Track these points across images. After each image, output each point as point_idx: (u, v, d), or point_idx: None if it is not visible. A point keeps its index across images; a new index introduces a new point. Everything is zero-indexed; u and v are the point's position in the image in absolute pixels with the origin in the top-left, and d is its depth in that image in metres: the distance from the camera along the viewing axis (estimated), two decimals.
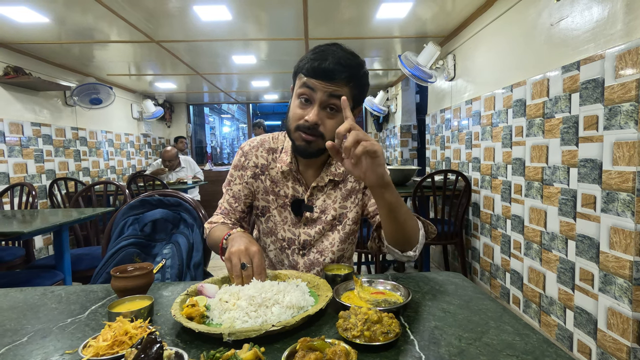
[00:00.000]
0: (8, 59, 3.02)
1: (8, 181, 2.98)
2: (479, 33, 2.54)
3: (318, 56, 0.85)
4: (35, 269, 2.08)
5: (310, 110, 0.86)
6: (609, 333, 1.49)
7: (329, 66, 0.83)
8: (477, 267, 2.68)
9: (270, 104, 8.55)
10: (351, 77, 0.85)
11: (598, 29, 1.51)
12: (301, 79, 0.87)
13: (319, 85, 0.84)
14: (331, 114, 0.87)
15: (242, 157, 1.02)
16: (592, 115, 1.54)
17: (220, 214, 1.04)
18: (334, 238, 1.01)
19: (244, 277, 0.76)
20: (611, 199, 1.46)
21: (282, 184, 0.99)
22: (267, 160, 1.01)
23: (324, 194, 1.00)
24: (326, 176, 0.98)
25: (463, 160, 2.84)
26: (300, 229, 1.00)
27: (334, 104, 0.86)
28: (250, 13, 2.51)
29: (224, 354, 0.50)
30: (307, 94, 0.86)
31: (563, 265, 1.75)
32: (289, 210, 0.99)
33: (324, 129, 0.87)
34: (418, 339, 0.60)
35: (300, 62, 0.89)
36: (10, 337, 0.63)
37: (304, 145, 0.89)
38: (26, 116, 3.20)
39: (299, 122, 0.88)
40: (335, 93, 0.84)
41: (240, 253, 0.78)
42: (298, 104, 0.88)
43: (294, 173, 0.98)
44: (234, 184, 1.03)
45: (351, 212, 1.01)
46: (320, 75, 0.84)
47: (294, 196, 0.99)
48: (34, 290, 0.86)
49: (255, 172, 1.01)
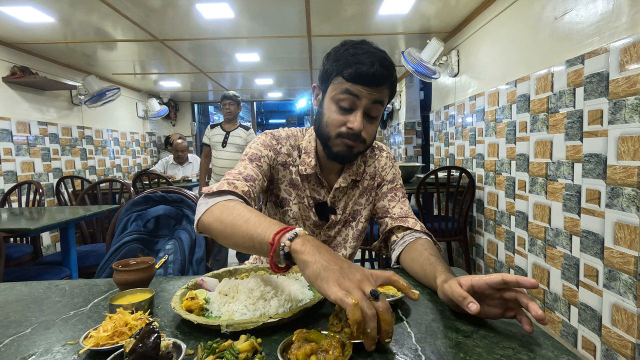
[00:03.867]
0: (15, 59, 3.06)
1: (16, 179, 3.02)
2: (482, 28, 2.52)
3: (361, 59, 0.79)
4: (42, 265, 2.12)
5: (352, 116, 0.83)
6: (614, 329, 1.47)
7: (377, 71, 0.79)
8: (481, 263, 2.67)
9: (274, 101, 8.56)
10: (393, 79, 0.83)
11: (603, 22, 1.49)
12: (342, 83, 0.82)
13: (364, 92, 0.80)
14: (371, 119, 0.85)
15: (274, 140, 0.94)
16: (596, 110, 1.53)
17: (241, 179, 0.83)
18: (348, 234, 1.01)
19: (381, 313, 0.50)
20: (616, 194, 1.44)
21: (304, 184, 0.97)
22: (292, 155, 0.96)
23: (345, 195, 0.99)
24: (349, 177, 0.96)
25: (467, 157, 2.82)
26: (322, 230, 0.99)
27: (376, 110, 0.84)
28: (252, 10, 2.51)
29: (221, 344, 0.51)
30: (349, 101, 0.82)
31: (567, 261, 1.74)
32: (313, 212, 0.97)
33: (366, 133, 0.85)
34: (415, 332, 0.60)
35: (335, 63, 0.83)
36: (14, 329, 0.65)
37: (345, 150, 0.86)
38: (33, 115, 3.24)
39: (340, 129, 0.84)
40: (379, 99, 0.82)
41: (356, 277, 0.53)
42: (337, 110, 0.84)
43: (317, 175, 0.95)
44: (263, 160, 0.90)
45: (365, 210, 1.01)
46: (367, 81, 0.79)
47: (314, 198, 0.97)
48: (39, 284, 0.88)
49: (286, 161, 0.95)
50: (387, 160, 1.03)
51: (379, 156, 1.03)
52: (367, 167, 1.00)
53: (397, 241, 0.94)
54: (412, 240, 0.89)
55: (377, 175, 1.01)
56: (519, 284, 0.57)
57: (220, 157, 3.11)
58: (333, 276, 0.53)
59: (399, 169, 1.04)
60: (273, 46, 3.36)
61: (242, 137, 3.12)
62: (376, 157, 1.02)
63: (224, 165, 3.10)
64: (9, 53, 3.00)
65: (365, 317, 0.48)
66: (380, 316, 0.50)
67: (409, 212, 0.98)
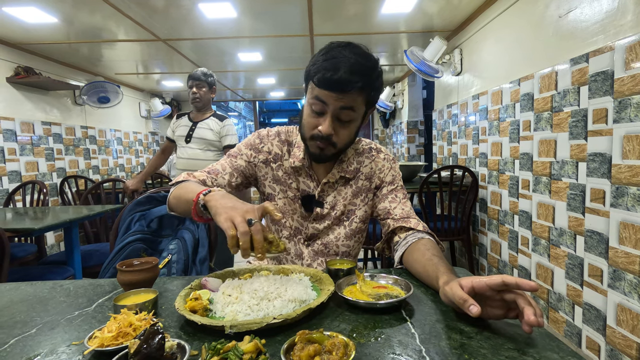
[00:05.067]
0: (18, 59, 3.07)
1: (20, 179, 3.04)
2: (486, 26, 2.51)
3: (329, 65, 0.81)
4: (47, 264, 2.13)
5: (323, 120, 0.86)
6: (619, 329, 1.47)
7: (342, 77, 0.80)
8: (484, 263, 2.66)
9: (277, 101, 8.55)
10: (365, 85, 0.83)
11: (607, 20, 1.48)
12: (313, 88, 0.85)
13: (331, 97, 0.82)
14: (344, 123, 0.87)
15: (258, 140, 1.02)
16: (601, 109, 1.52)
17: (204, 172, 0.97)
18: (339, 233, 1.01)
19: (253, 233, 0.65)
20: (621, 194, 1.43)
21: (293, 177, 1.00)
22: (281, 150, 1.01)
23: (335, 190, 1.00)
24: (337, 172, 0.98)
25: (470, 156, 2.81)
26: (308, 223, 1.01)
27: (347, 115, 0.86)
28: (254, 10, 2.51)
29: (225, 345, 0.51)
30: (319, 106, 0.85)
31: (571, 261, 1.73)
32: (300, 204, 1.00)
33: (337, 138, 0.88)
34: (419, 333, 0.60)
35: (311, 67, 0.86)
36: (19, 329, 0.65)
37: (318, 152, 0.90)
38: (37, 115, 3.26)
39: (313, 131, 0.88)
40: (347, 105, 0.83)
41: (242, 209, 0.68)
42: (310, 113, 0.88)
43: (306, 169, 0.99)
44: (239, 157, 1.00)
45: (359, 210, 1.02)
46: (332, 87, 0.81)
47: (304, 191, 1.00)
48: (44, 284, 0.88)
49: (267, 159, 1.01)
50: (385, 162, 1.03)
51: (376, 157, 1.03)
52: (363, 167, 1.02)
53: (399, 242, 0.94)
54: (415, 241, 0.89)
55: (375, 176, 1.02)
56: (518, 287, 0.57)
57: (182, 155, 2.39)
58: (225, 211, 0.69)
59: (399, 170, 1.04)
60: (275, 45, 3.35)
61: (213, 129, 2.35)
62: (373, 158, 1.03)
63: (185, 166, 2.36)
64: (12, 53, 3.02)
65: (239, 233, 0.65)
66: (253, 236, 0.65)
67: (410, 212, 0.98)
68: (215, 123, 2.37)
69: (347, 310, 0.69)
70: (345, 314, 0.67)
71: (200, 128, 2.36)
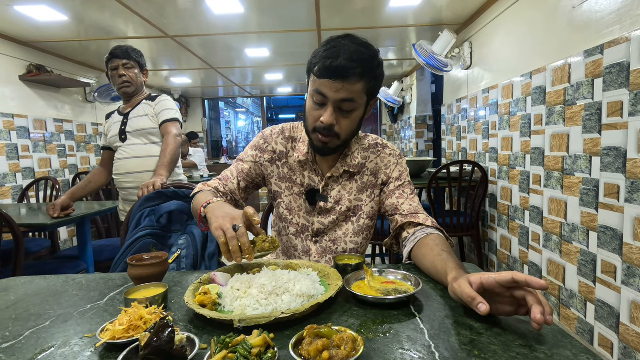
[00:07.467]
0: (30, 57, 3.12)
1: (33, 175, 3.10)
2: (496, 19, 2.46)
3: (329, 53, 0.82)
4: (60, 259, 2.18)
5: (324, 111, 0.86)
6: (632, 327, 1.44)
7: (341, 63, 0.80)
8: (494, 259, 2.63)
9: (284, 96, 8.55)
10: (364, 72, 0.83)
11: (624, 10, 1.44)
12: (314, 80, 0.86)
13: (331, 86, 0.83)
14: (345, 113, 0.87)
15: (262, 140, 1.04)
16: (616, 101, 1.48)
17: (217, 179, 1.05)
18: (347, 229, 1.01)
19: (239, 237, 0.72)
20: (636, 189, 1.40)
21: (298, 172, 1.01)
22: (286, 148, 1.02)
23: (339, 185, 1.00)
24: (341, 167, 0.98)
25: (480, 151, 2.77)
26: (314, 218, 1.01)
27: (348, 105, 0.86)
28: (262, 5, 2.50)
29: (234, 339, 0.51)
30: (320, 97, 0.86)
31: (584, 257, 1.70)
32: (304, 199, 1.00)
33: (340, 128, 0.88)
34: (428, 328, 0.59)
35: (312, 59, 0.87)
36: (34, 322, 0.66)
37: (321, 145, 0.90)
38: (49, 113, 3.31)
39: (315, 123, 0.88)
40: (348, 95, 0.84)
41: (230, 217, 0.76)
42: (312, 105, 0.89)
43: (311, 163, 0.99)
44: (245, 161, 1.04)
45: (367, 206, 1.01)
46: (332, 74, 0.82)
47: (309, 185, 1.00)
48: (57, 278, 0.90)
49: (272, 157, 1.02)
50: (392, 158, 1.02)
51: (382, 153, 1.02)
52: (369, 162, 1.01)
53: (408, 237, 0.93)
54: (424, 236, 0.88)
55: (381, 172, 1.01)
56: (528, 284, 0.56)
57: (122, 156, 1.82)
58: (216, 221, 0.76)
59: (406, 166, 1.04)
60: (283, 41, 3.34)
61: (148, 114, 1.82)
62: (379, 154, 1.02)
63: (129, 168, 1.81)
64: (25, 52, 3.07)
65: (227, 238, 0.71)
66: (239, 239, 0.71)
67: (418, 208, 0.97)
68: (148, 107, 1.83)
69: (355, 305, 0.69)
70: (353, 309, 0.67)
71: (133, 118, 1.82)
